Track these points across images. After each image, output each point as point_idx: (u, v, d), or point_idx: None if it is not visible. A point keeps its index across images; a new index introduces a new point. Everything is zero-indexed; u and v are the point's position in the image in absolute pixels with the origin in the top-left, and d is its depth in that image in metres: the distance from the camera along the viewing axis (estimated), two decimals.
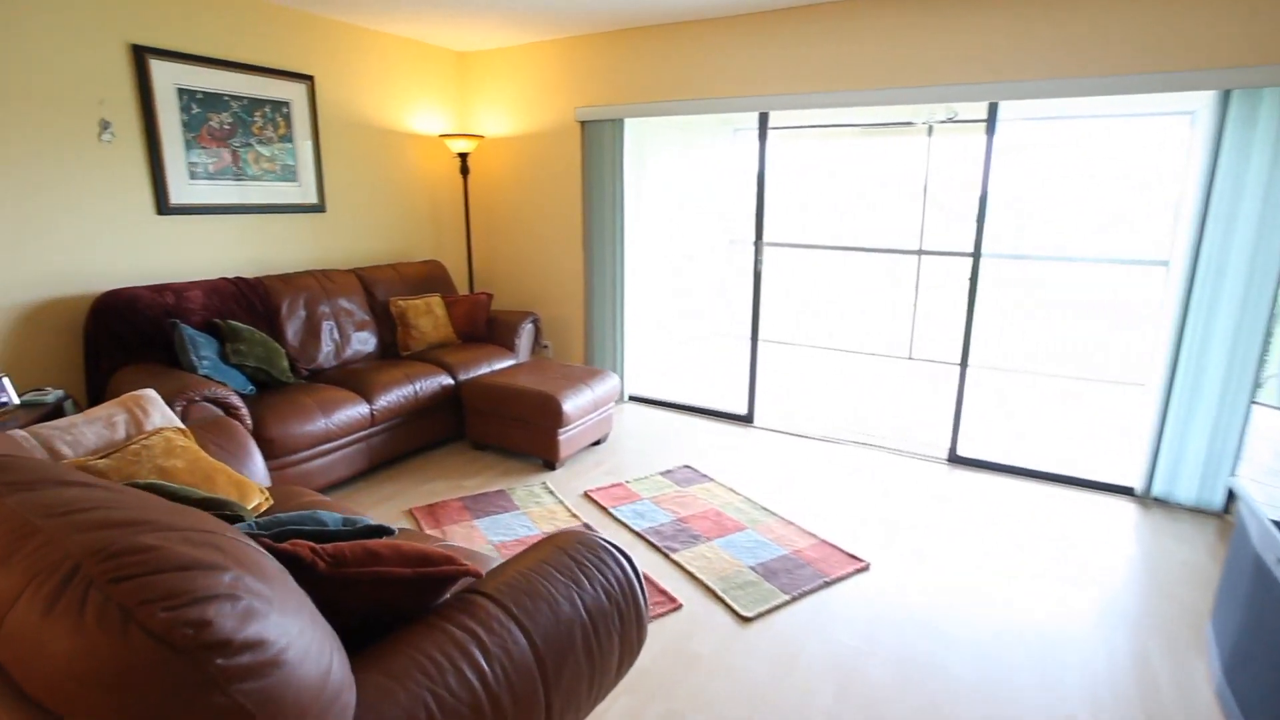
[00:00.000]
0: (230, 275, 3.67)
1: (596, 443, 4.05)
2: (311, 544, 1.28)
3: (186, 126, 3.39)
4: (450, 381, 3.84)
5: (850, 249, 6.40)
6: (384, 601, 1.28)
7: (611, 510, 3.21)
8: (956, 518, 3.17)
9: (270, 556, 1.12)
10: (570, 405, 3.57)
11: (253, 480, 2.26)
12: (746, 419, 4.46)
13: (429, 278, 4.57)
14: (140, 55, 3.19)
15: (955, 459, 3.81)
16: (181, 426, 2.05)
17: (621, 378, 4.84)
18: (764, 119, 4.06)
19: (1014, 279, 5.88)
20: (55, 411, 2.66)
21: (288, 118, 3.85)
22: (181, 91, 3.35)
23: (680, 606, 2.48)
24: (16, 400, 2.51)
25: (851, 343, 6.63)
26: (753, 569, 2.72)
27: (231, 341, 3.18)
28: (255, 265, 3.81)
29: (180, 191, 3.40)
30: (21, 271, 2.91)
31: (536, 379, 3.74)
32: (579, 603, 1.39)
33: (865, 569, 2.74)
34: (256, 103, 3.69)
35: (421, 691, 1.12)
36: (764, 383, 5.33)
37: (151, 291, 3.12)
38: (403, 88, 4.57)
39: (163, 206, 3.34)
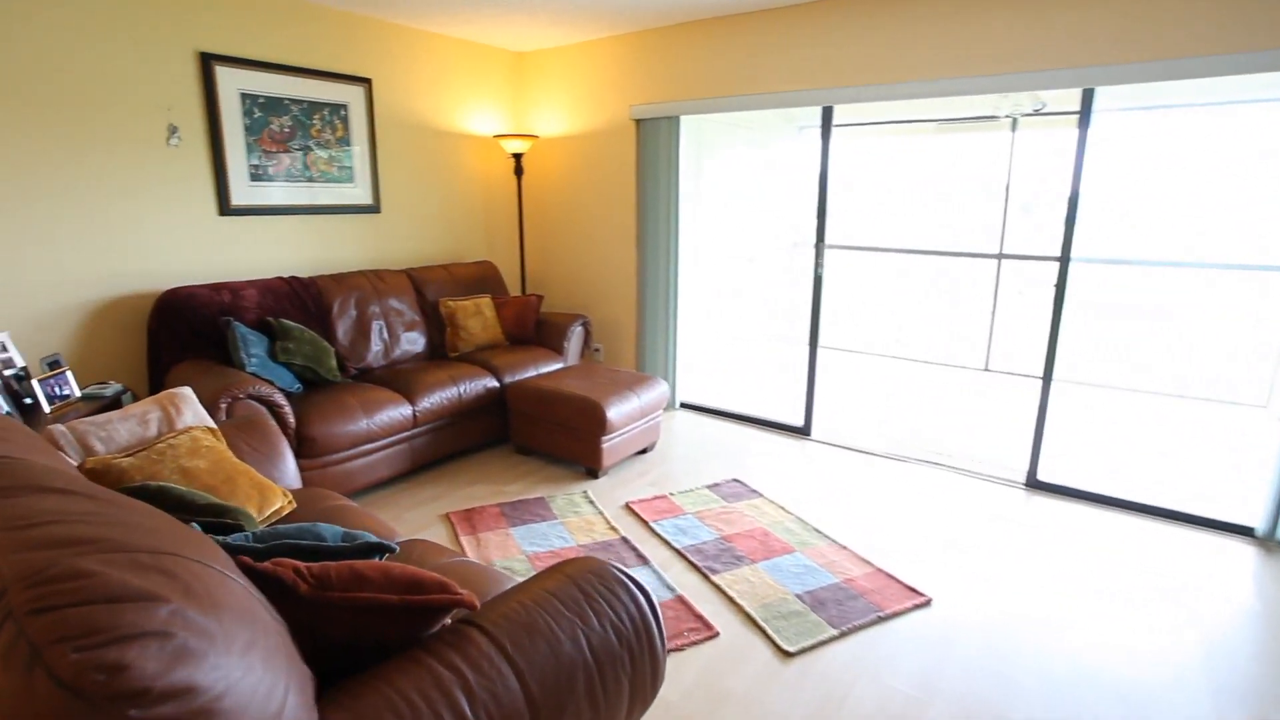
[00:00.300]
0: (286, 275, 3.73)
1: (643, 451, 3.92)
2: (297, 564, 1.20)
3: (248, 130, 3.46)
4: (495, 384, 3.79)
5: (923, 252, 6.04)
6: (369, 630, 1.18)
7: (652, 524, 3.07)
8: (1034, 551, 2.87)
9: (240, 580, 1.04)
10: (614, 412, 3.45)
11: (281, 482, 2.24)
12: (803, 431, 4.23)
13: (480, 279, 4.55)
14: (207, 62, 3.27)
15: (1034, 484, 3.49)
16: (211, 426, 2.03)
17: (672, 384, 4.69)
18: (827, 114, 3.83)
19: (1107, 285, 5.41)
20: (113, 404, 2.73)
21: (345, 120, 3.90)
22: (244, 96, 3.43)
23: (716, 635, 2.31)
24: (78, 393, 2.59)
25: (921, 352, 6.26)
26: (799, 597, 2.52)
27: (281, 340, 3.21)
28: (311, 265, 3.87)
29: (241, 193, 3.48)
30: (93, 270, 3.02)
31: (582, 384, 3.64)
32: (584, 642, 1.26)
33: (926, 604, 2.50)
34: (316, 106, 3.74)
35: None
36: (823, 393, 5.07)
37: (209, 290, 3.19)
38: (459, 89, 4.57)
39: (224, 207, 3.42)
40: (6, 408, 2.27)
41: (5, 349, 2.55)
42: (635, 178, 4.59)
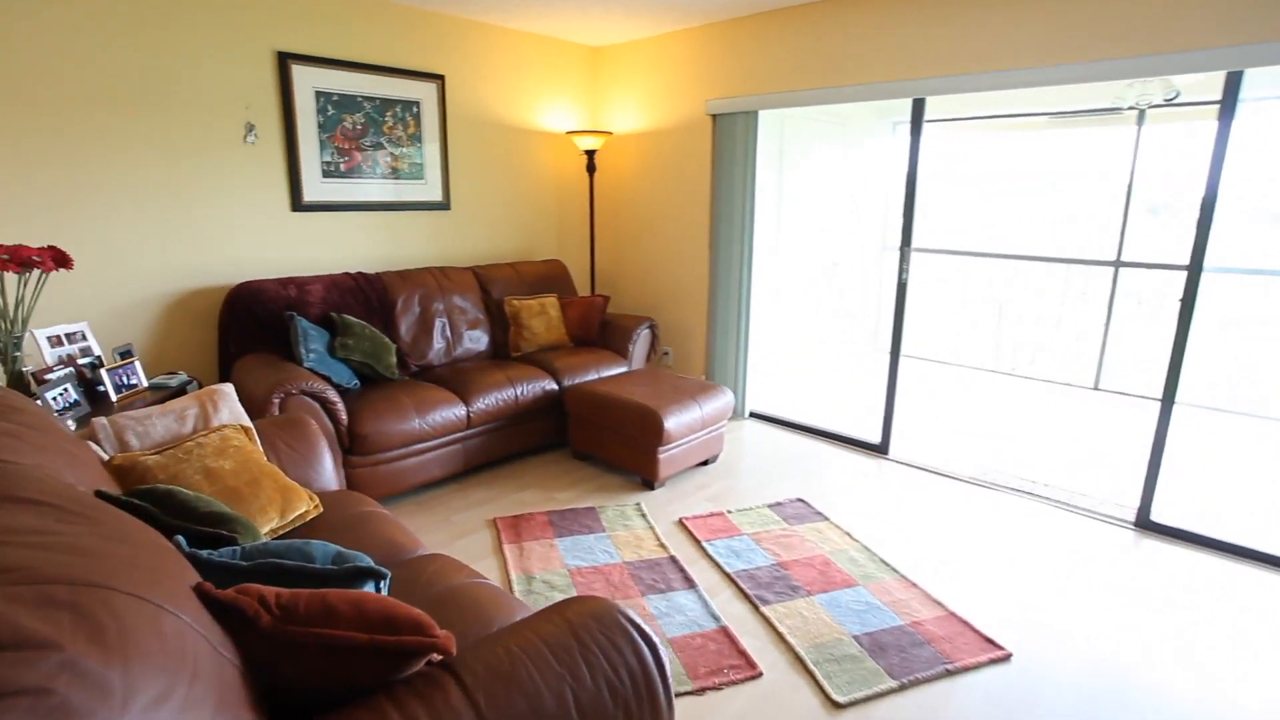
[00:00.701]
0: (354, 270, 3.79)
1: (704, 463, 3.73)
2: (265, 592, 1.11)
3: (322, 127, 3.52)
4: (554, 386, 3.70)
5: (1027, 258, 5.52)
6: (335, 670, 1.08)
7: (704, 544, 2.89)
8: (1141, 604, 2.49)
9: (183, 616, 0.95)
10: (673, 422, 3.28)
11: (317, 483, 2.21)
12: (880, 449, 3.92)
13: (548, 278, 4.49)
14: (284, 61, 3.34)
15: (1146, 524, 3.05)
16: (246, 425, 2.02)
17: (742, 392, 4.47)
18: (918, 107, 3.50)
19: (1247, 298, 4.74)
20: (178, 394, 2.82)
21: (417, 117, 3.92)
22: (319, 94, 3.49)
23: (759, 675, 2.11)
24: (145, 383, 2.68)
25: (1020, 366, 5.73)
26: (857, 639, 2.28)
27: (341, 335, 3.24)
28: (379, 261, 3.92)
29: (313, 189, 3.54)
30: (170, 264, 3.15)
31: (642, 390, 3.49)
32: (570, 700, 1.11)
33: (1004, 659, 2.20)
34: (388, 103, 3.77)
35: None
36: (905, 408, 4.72)
37: (277, 284, 3.26)
38: (533, 85, 4.52)
39: (297, 203, 3.49)
40: (75, 395, 2.36)
41: (85, 337, 2.67)
42: (710, 175, 4.40)
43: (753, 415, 4.55)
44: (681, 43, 4.38)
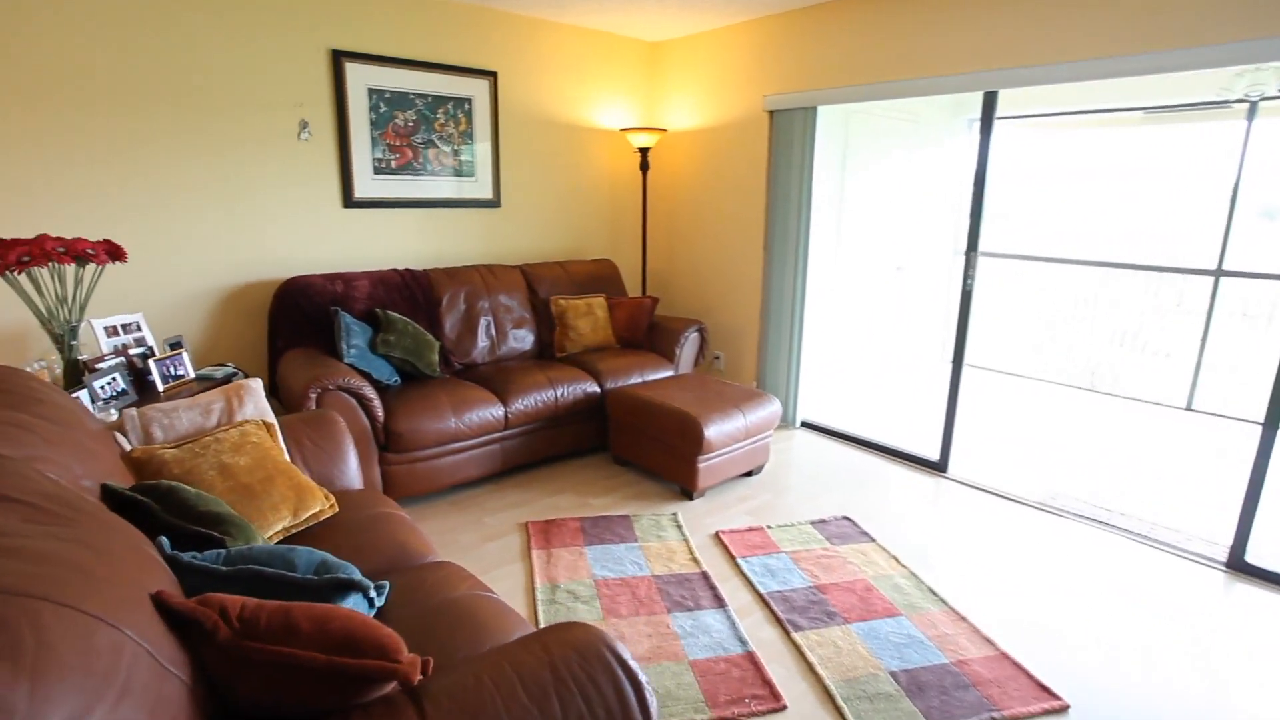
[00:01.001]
0: (401, 266, 3.82)
1: (748, 473, 3.59)
2: (229, 602, 1.06)
3: (374, 124, 3.56)
4: (596, 389, 3.63)
5: (1113, 265, 5.09)
6: (291, 691, 1.02)
7: (739, 560, 2.75)
8: (1228, 656, 2.21)
9: (125, 631, 0.91)
10: (714, 431, 3.16)
11: (339, 481, 2.20)
12: (937, 466, 3.67)
13: (597, 277, 4.43)
14: (338, 59, 3.40)
15: (1240, 566, 2.73)
16: (269, 420, 2.03)
17: (794, 400, 4.29)
18: (989, 102, 3.25)
19: None
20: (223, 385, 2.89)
21: (469, 114, 3.92)
22: (371, 91, 3.53)
23: (782, 708, 1.97)
24: (192, 373, 2.76)
25: (1102, 382, 5.29)
26: (893, 675, 2.10)
27: (384, 332, 3.26)
28: (428, 258, 3.94)
29: (364, 186, 3.59)
30: (225, 257, 3.25)
31: (684, 396, 3.38)
32: None
33: (1062, 710, 1.98)
34: (440, 100, 3.79)
35: None
36: (968, 423, 4.43)
37: (324, 279, 3.31)
38: (588, 81, 4.46)
39: (348, 200, 3.55)
40: (123, 384, 2.44)
41: (139, 328, 2.77)
42: (766, 174, 4.23)
43: (804, 425, 4.36)
44: (739, 36, 4.24)
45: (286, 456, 2.04)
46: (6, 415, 1.38)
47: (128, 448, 1.79)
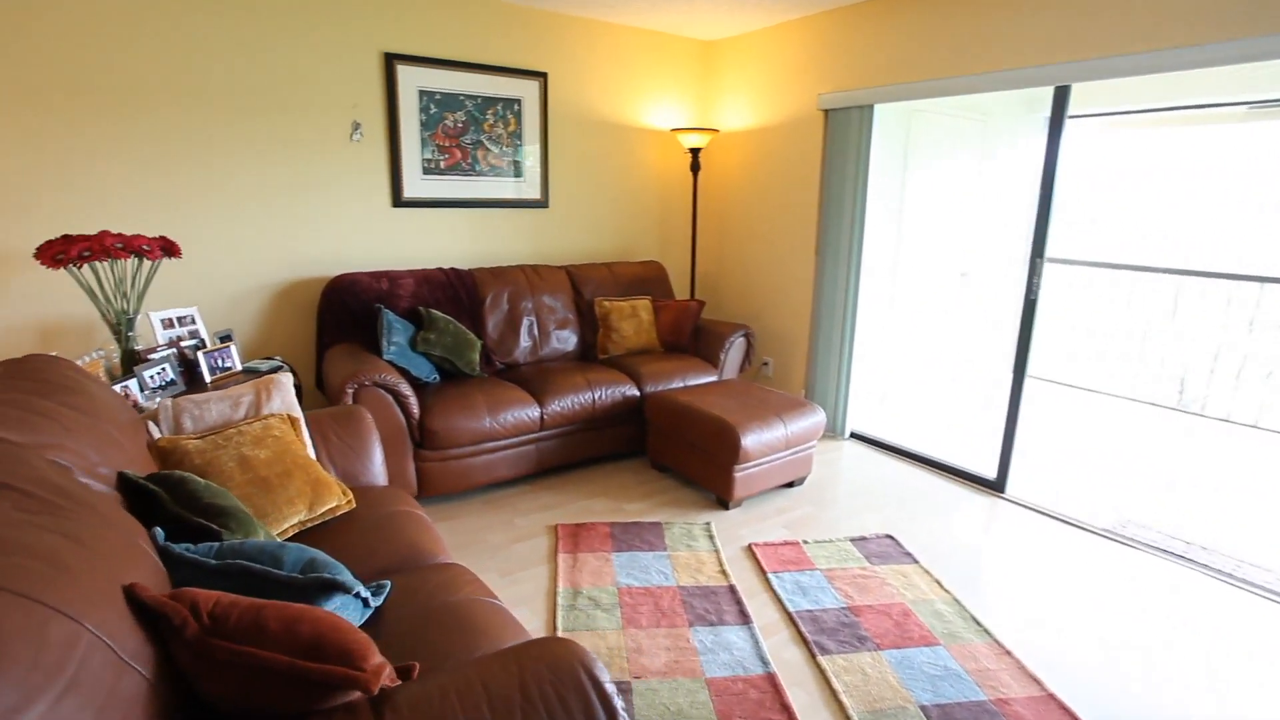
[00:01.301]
0: (447, 265, 3.87)
1: (790, 484, 3.46)
2: (202, 598, 1.06)
3: (424, 125, 3.62)
4: (635, 392, 3.58)
5: (1206, 275, 4.68)
6: (255, 692, 1.01)
7: (769, 575, 2.65)
8: None
9: (85, 625, 0.90)
10: (752, 440, 3.05)
11: (363, 477, 2.22)
12: (994, 486, 3.45)
13: (644, 279, 4.38)
14: (390, 62, 3.47)
15: None
16: (294, 415, 2.07)
17: (843, 410, 4.12)
18: (1060, 97, 3.02)
19: None
20: None
21: (518, 115, 3.94)
22: (422, 93, 3.59)
23: None
24: (239, 366, 2.86)
25: (1186, 400, 4.87)
26: (924, 709, 1.96)
27: (425, 330, 3.31)
28: (474, 257, 3.98)
29: (413, 186, 3.66)
30: (280, 255, 3.36)
31: (724, 403, 3.29)
32: None
33: None
34: (490, 101, 3.82)
35: None
36: (1032, 440, 4.16)
37: (370, 277, 3.39)
38: (639, 81, 4.42)
39: (397, 199, 3.62)
40: (172, 374, 2.55)
41: (194, 321, 2.89)
42: (819, 175, 4.09)
43: (854, 436, 4.18)
44: (793, 33, 4.11)
45: (310, 451, 2.07)
46: (30, 402, 1.44)
47: (157, 436, 1.85)
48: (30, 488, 1.12)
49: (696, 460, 3.29)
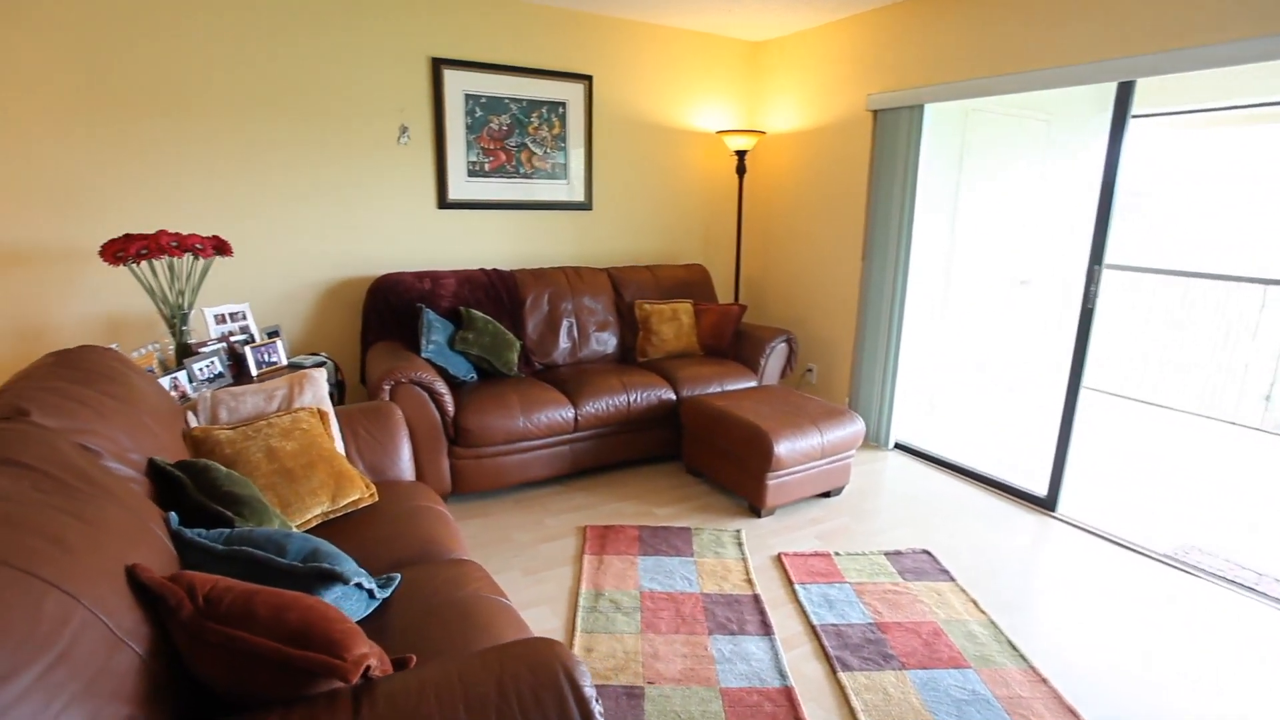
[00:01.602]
0: (489, 266, 3.94)
1: (826, 494, 3.37)
2: (199, 581, 1.10)
3: (469, 129, 3.70)
4: (671, 396, 3.56)
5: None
6: (242, 675, 1.04)
7: (796, 585, 2.58)
8: None
9: (81, 602, 0.95)
10: (785, 447, 2.99)
11: (390, 472, 2.28)
12: (1045, 504, 3.27)
13: (686, 283, 4.35)
14: (437, 67, 3.56)
15: None
16: (323, 408, 2.13)
17: (886, 420, 4.00)
18: (1123, 93, 2.85)
19: None
20: None
21: (563, 117, 3.98)
22: (468, 97, 3.67)
23: None
24: (284, 361, 2.98)
25: (1264, 419, 4.51)
26: None
27: (464, 329, 3.37)
28: (517, 258, 4.04)
29: (458, 188, 3.74)
30: (328, 254, 3.49)
31: (759, 409, 3.24)
32: None
33: None
34: (535, 104, 3.87)
35: None
36: (1088, 456, 3.95)
37: (413, 277, 3.48)
38: (686, 83, 4.40)
39: (442, 201, 3.71)
40: (220, 367, 2.68)
41: (245, 317, 3.03)
42: (867, 178, 3.98)
43: (898, 447, 4.05)
44: (842, 32, 4.02)
45: (338, 444, 2.14)
46: (70, 390, 1.53)
47: (194, 425, 1.94)
48: (51, 469, 1.18)
49: (729, 466, 3.24)
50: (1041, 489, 3.32)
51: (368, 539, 1.83)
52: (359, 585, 1.36)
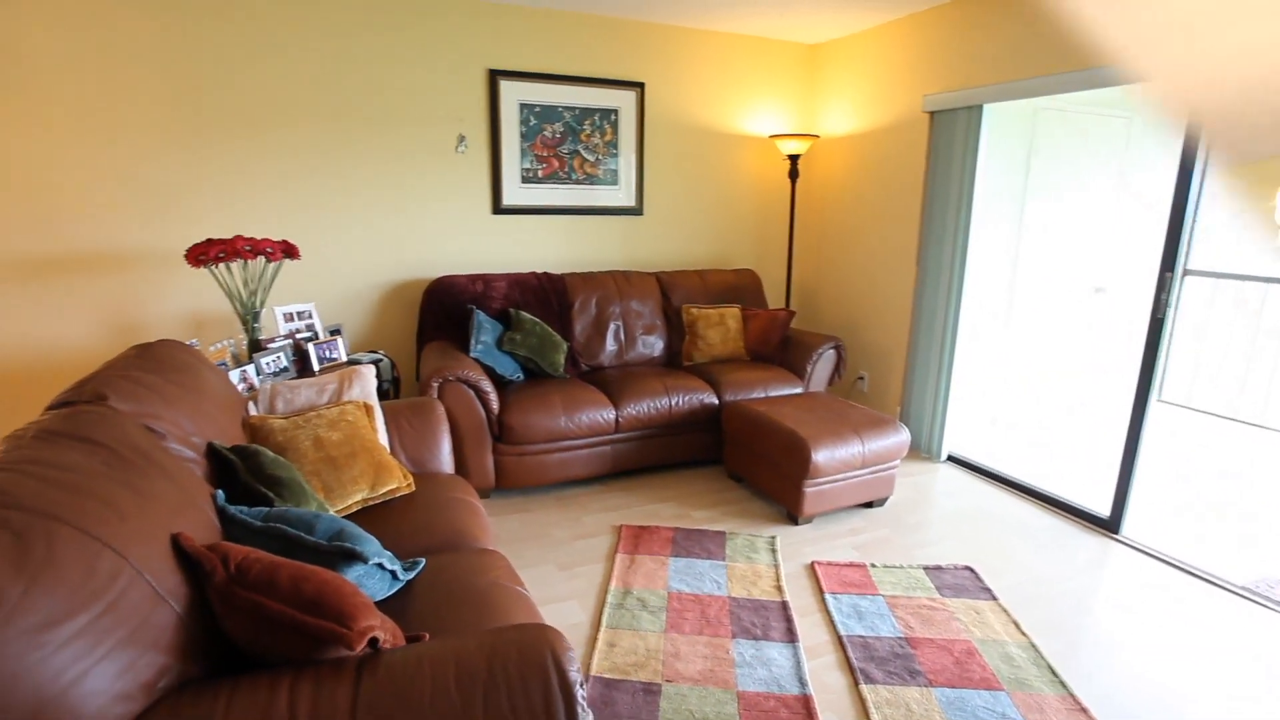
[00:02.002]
0: (540, 270, 4.06)
1: (868, 504, 3.32)
2: (233, 551, 1.22)
3: (523, 136, 3.84)
4: (714, 400, 3.58)
5: None
6: (263, 637, 1.15)
7: (826, 595, 2.56)
8: None
9: (128, 561, 1.07)
10: (824, 455, 2.97)
11: (430, 464, 2.40)
12: (1107, 525, 3.12)
13: (736, 288, 4.35)
14: (494, 78, 3.71)
15: None
16: (369, 402, 2.27)
17: (939, 432, 3.89)
18: None
19: None
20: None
21: (615, 124, 4.07)
22: (522, 106, 3.80)
23: None
24: (344, 357, 3.17)
25: None
26: None
27: (512, 330, 3.49)
28: (568, 262, 4.15)
29: (512, 194, 3.88)
30: (389, 257, 3.69)
31: (800, 416, 3.22)
32: None
33: None
34: (587, 112, 3.97)
35: None
36: (1159, 476, 3.72)
37: (467, 280, 3.63)
38: (739, 88, 4.41)
39: (496, 207, 3.86)
40: (286, 362, 2.88)
41: (311, 316, 3.24)
42: (923, 181, 3.89)
43: (950, 459, 3.93)
44: (899, 32, 3.94)
45: (382, 437, 2.27)
46: (143, 378, 1.70)
47: (254, 412, 2.11)
48: (118, 447, 1.33)
49: (768, 472, 3.24)
50: (1105, 509, 3.16)
51: (401, 525, 1.94)
52: (380, 565, 1.46)
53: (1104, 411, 4.88)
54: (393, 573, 1.55)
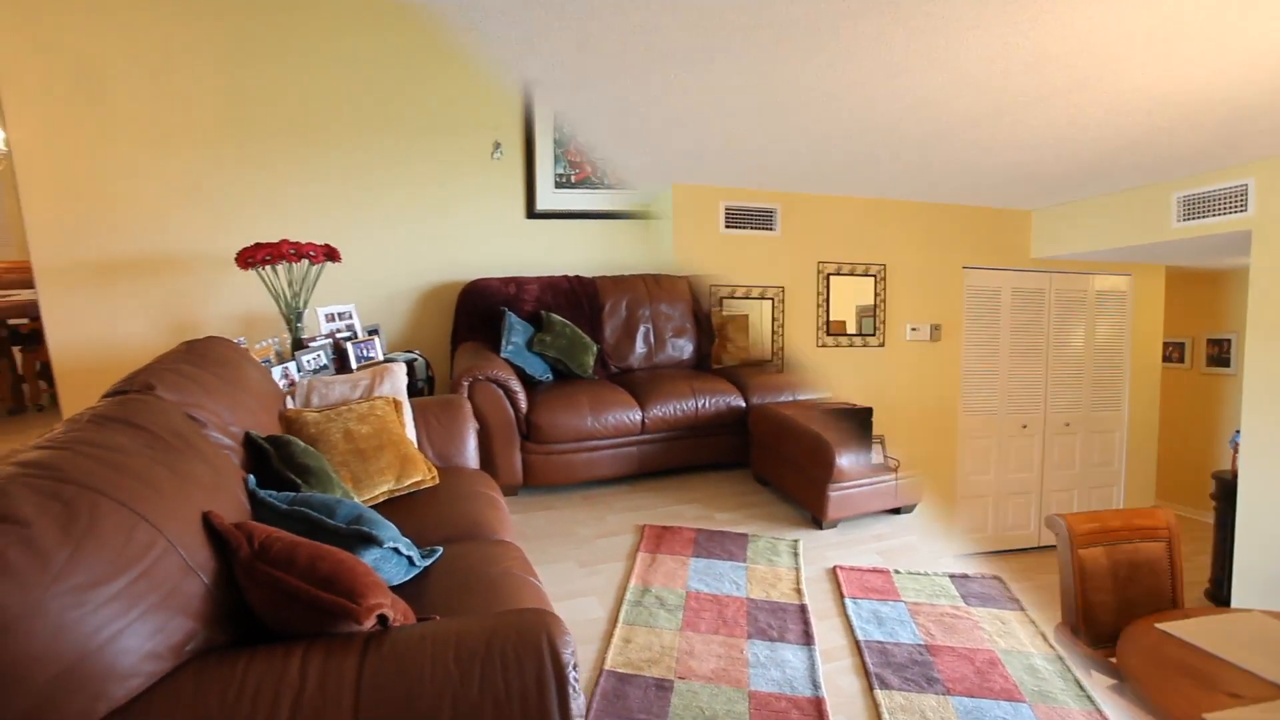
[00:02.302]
0: (571, 273, 4.14)
1: (896, 510, 3.28)
2: (257, 530, 1.31)
3: (557, 143, 3.93)
4: (740, 403, 3.60)
5: None
6: (281, 610, 1.23)
7: (846, 600, 2.55)
8: None
9: (162, 534, 1.16)
10: (850, 459, 2.96)
11: (456, 459, 2.49)
12: None
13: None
14: (529, 86, 3.81)
15: None
16: (398, 398, 2.37)
17: None
18: None
19: None
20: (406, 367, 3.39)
21: None
22: (555, 113, 3.90)
23: None
24: (381, 356, 3.29)
25: None
26: None
27: (542, 332, 3.58)
28: (599, 266, 4.22)
29: (545, 199, 3.98)
30: (426, 261, 3.83)
31: (827, 419, 3.21)
32: (448, 703, 1.09)
33: None
34: None
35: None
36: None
37: (500, 282, 3.73)
38: None
39: (530, 211, 3.97)
40: (325, 360, 3.02)
41: (351, 316, 3.38)
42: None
43: None
44: None
45: (410, 431, 2.37)
46: (189, 370, 1.82)
47: (292, 405, 2.22)
48: (161, 432, 1.43)
49: (794, 476, 3.24)
50: None
51: (424, 516, 2.02)
52: (396, 550, 1.54)
53: None
54: (409, 558, 1.62)
